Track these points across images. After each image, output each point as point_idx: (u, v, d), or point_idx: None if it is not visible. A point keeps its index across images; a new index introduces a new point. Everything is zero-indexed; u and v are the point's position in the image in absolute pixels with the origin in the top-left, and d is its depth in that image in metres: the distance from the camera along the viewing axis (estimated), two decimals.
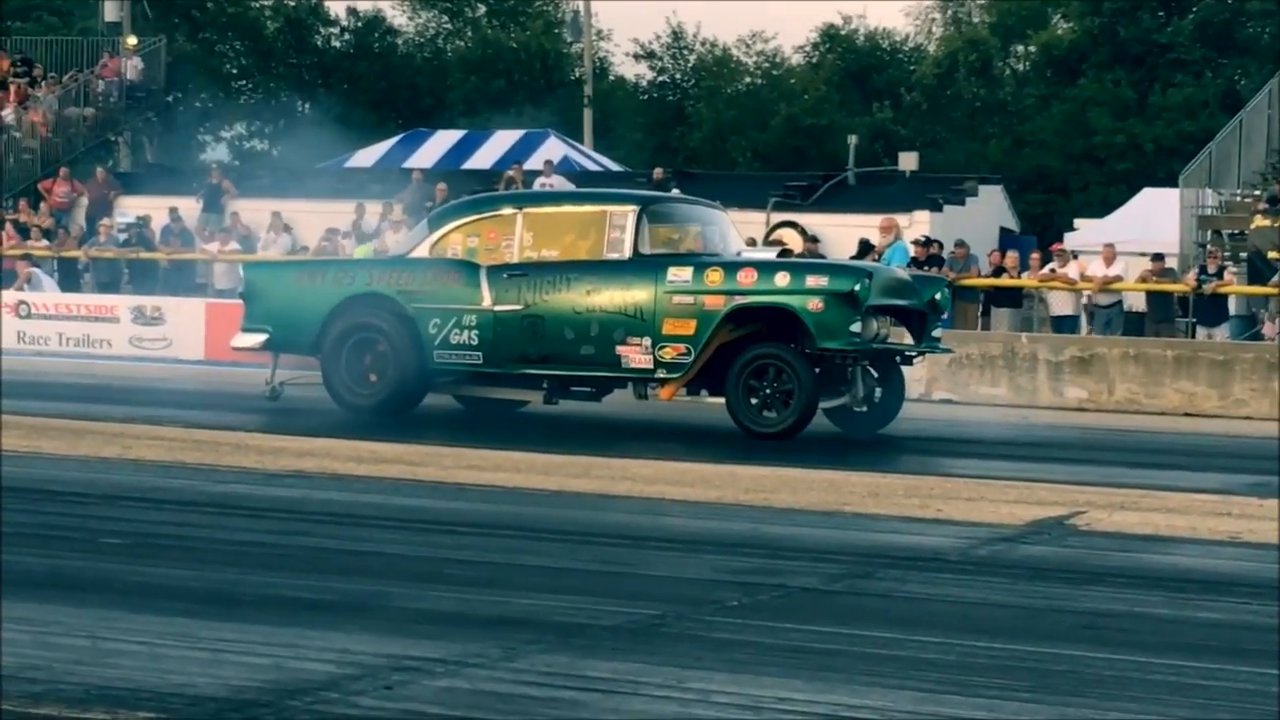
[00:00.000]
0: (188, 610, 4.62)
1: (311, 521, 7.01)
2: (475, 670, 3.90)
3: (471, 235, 12.16)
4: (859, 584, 5.31)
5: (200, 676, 3.74)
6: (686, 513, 7.13)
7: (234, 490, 7.97)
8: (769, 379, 10.75)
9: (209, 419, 11.72)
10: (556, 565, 5.86)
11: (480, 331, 11.66)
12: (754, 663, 3.90)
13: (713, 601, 4.80)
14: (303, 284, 13.09)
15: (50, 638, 4.13)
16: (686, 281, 11.20)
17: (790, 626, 4.40)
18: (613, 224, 11.53)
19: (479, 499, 7.95)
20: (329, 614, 4.71)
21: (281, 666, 3.89)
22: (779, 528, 6.70)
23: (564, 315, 11.52)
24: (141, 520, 6.79)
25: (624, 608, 4.94)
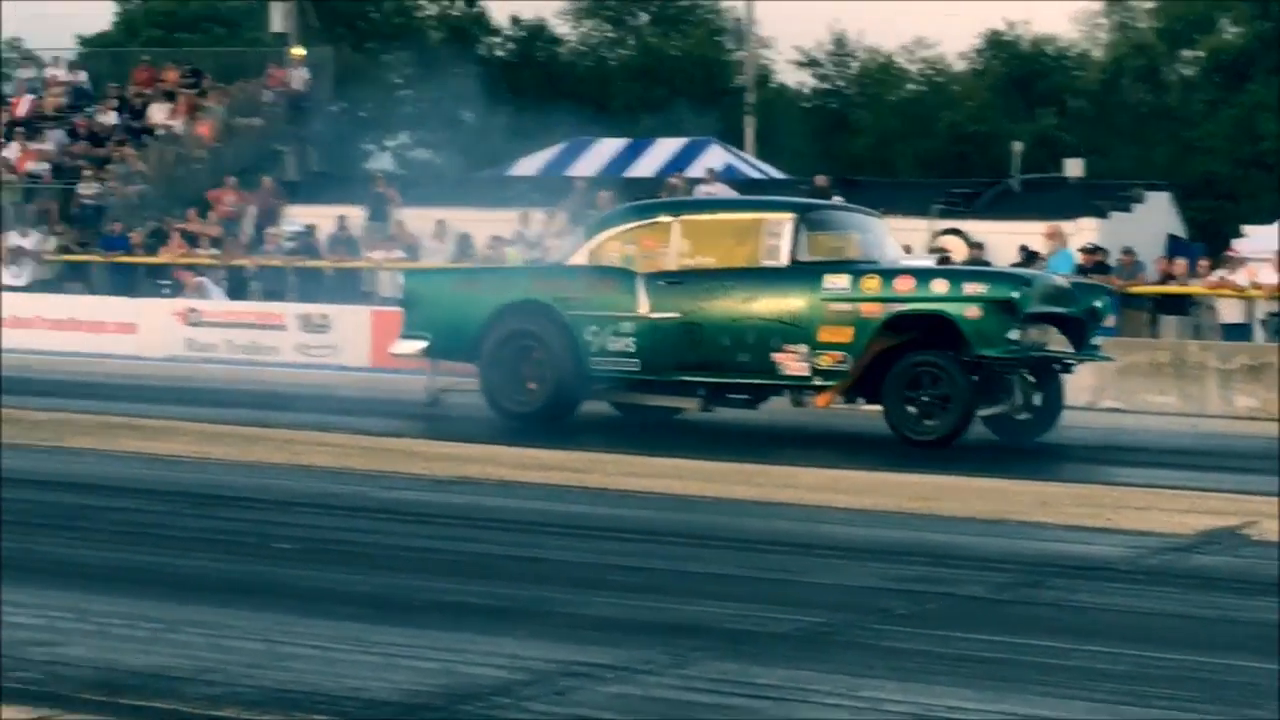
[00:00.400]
0: (359, 615, 4.78)
1: (479, 527, 7.18)
2: (645, 676, 3.96)
3: (629, 243, 12.45)
4: (1027, 593, 5.31)
5: (373, 680, 3.86)
6: (850, 520, 7.16)
7: (402, 496, 8.19)
8: (926, 386, 10.83)
9: (369, 425, 11.96)
10: (722, 572, 5.91)
11: (637, 339, 11.90)
12: (923, 671, 3.92)
13: (880, 610, 4.81)
14: (461, 292, 13.46)
15: (226, 641, 4.30)
16: (844, 289, 11.30)
17: (959, 635, 4.40)
18: (769, 231, 11.77)
19: (643, 505, 8.05)
20: (498, 619, 4.81)
21: (452, 671, 3.99)
22: (944, 535, 6.74)
23: (720, 323, 11.74)
24: (312, 526, 7.05)
25: (792, 615, 4.95)
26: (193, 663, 4.06)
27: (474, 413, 12.32)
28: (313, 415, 12.60)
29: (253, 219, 24.93)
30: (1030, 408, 11.63)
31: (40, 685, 3.81)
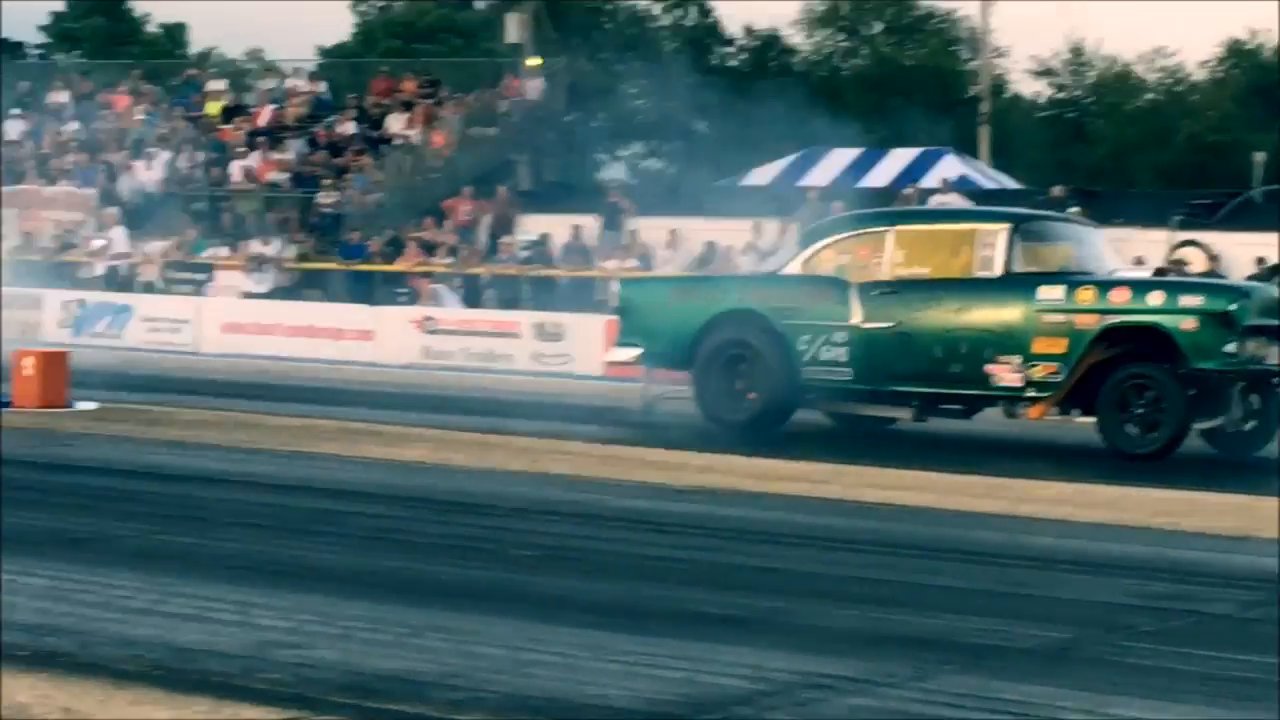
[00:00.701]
0: (599, 622, 4.87)
1: (717, 537, 7.26)
2: (887, 690, 3.97)
3: (843, 253, 12.65)
4: (1275, 611, 5.17)
5: (614, 689, 3.92)
6: (1091, 535, 7.17)
7: (640, 505, 8.31)
8: (1141, 399, 10.93)
9: (586, 432, 12.16)
10: (963, 586, 5.91)
11: (850, 348, 12.06)
12: (1171, 689, 3.91)
13: (1125, 626, 4.81)
14: (676, 300, 13.90)
15: (469, 646, 4.41)
16: (1058, 300, 11.49)
17: (1205, 653, 4.38)
18: (983, 242, 11.94)
19: (882, 517, 8.05)
20: (738, 629, 4.86)
21: (694, 680, 4.02)
22: (1188, 552, 6.74)
23: (933, 333, 11.93)
24: (550, 533, 7.19)
25: (1035, 630, 4.97)
26: (437, 667, 4.13)
27: (688, 420, 12.47)
28: (533, 422, 12.68)
29: (488, 228, 25.63)
30: (1248, 421, 11.44)
31: (289, 687, 3.92)
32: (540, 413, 14.12)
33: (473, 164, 28.25)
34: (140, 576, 5.52)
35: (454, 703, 3.53)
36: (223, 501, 8.15)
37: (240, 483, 8.89)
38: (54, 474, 8.98)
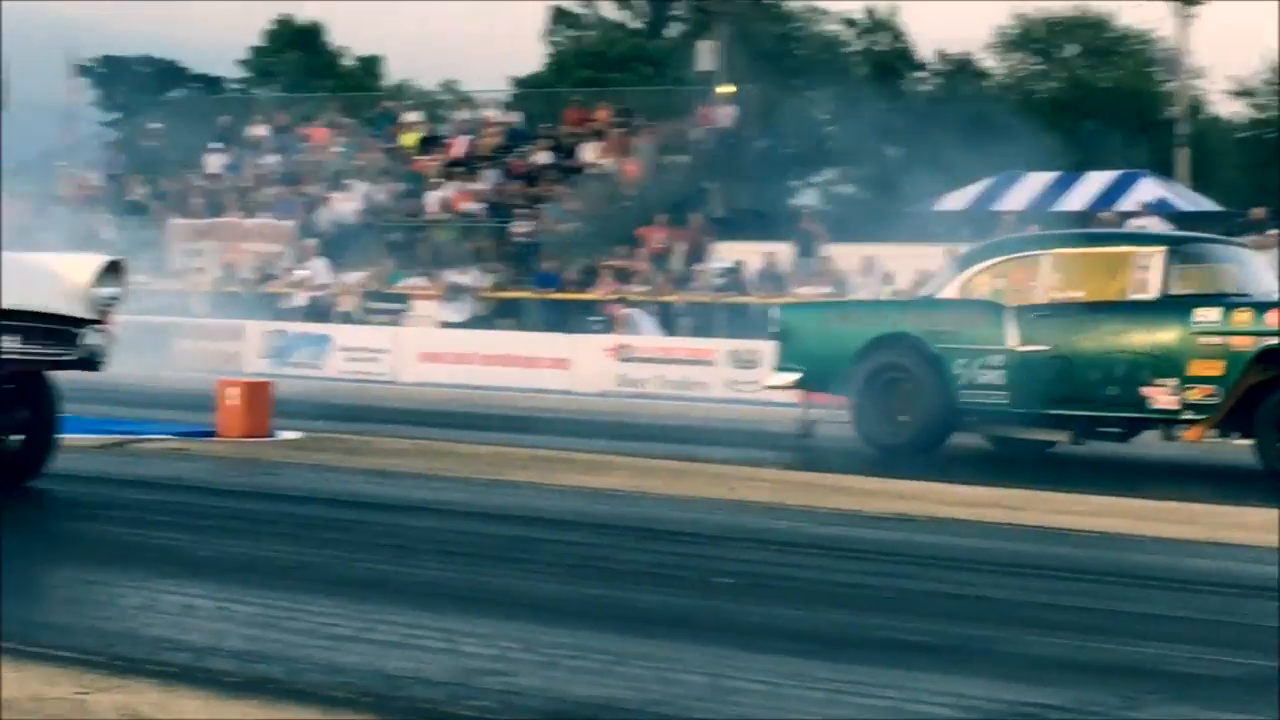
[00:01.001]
0: (800, 650, 4.85)
1: (915, 564, 7.24)
2: (1095, 719, 4.04)
3: (998, 276, 12.94)
4: None
5: (819, 717, 3.96)
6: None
7: (837, 532, 8.34)
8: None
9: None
10: (1167, 613, 5.86)
11: (1006, 372, 12.28)
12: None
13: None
14: (833, 324, 14.11)
15: (672, 674, 4.43)
16: (1214, 322, 11.56)
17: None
18: (1139, 264, 12.13)
19: (1077, 543, 8.02)
20: (938, 657, 4.86)
21: (900, 709, 4.07)
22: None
23: (1089, 356, 12.10)
24: (749, 560, 7.19)
25: (1242, 659, 4.92)
26: (641, 695, 4.20)
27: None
28: (727, 449, 12.75)
29: (682, 256, 25.97)
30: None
31: (495, 714, 3.98)
32: (734, 439, 14.21)
33: (666, 192, 28.66)
34: (345, 603, 5.68)
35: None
36: (423, 529, 8.26)
37: (439, 510, 9.00)
38: (259, 502, 9.20)
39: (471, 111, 32.65)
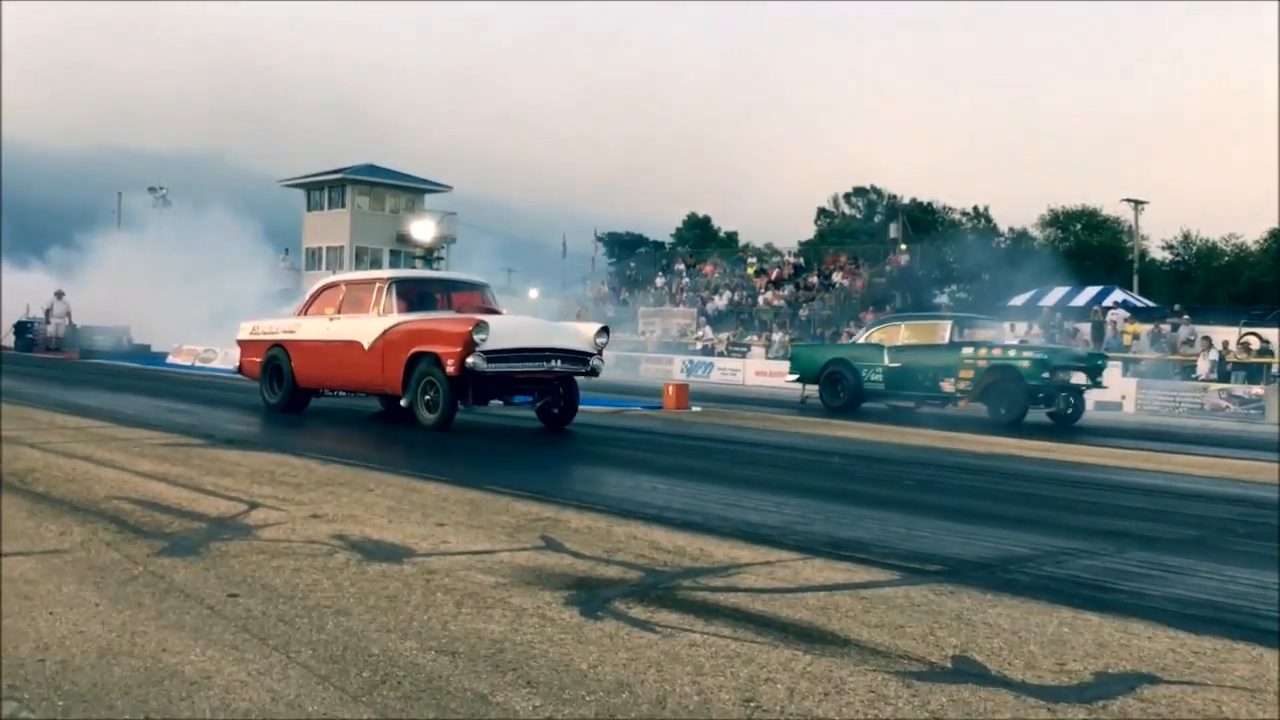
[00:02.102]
0: (949, 516, 5.56)
1: (978, 473, 8.08)
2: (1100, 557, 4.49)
3: (881, 332, 16.62)
4: None
5: (960, 550, 4.64)
6: None
7: (962, 459, 9.12)
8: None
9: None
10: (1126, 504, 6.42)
11: (884, 375, 16.11)
12: None
13: None
14: (812, 354, 17.94)
15: (887, 527, 5.20)
16: (970, 354, 15.23)
17: None
18: (940, 329, 15.94)
19: (1024, 462, 9.02)
20: (987, 520, 5.59)
21: (993, 548, 4.72)
22: None
23: (919, 368, 15.55)
24: (919, 470, 8.01)
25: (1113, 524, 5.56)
26: (872, 536, 4.95)
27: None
28: None
29: None
30: None
31: (803, 543, 4.70)
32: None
33: (873, 297, 32.59)
34: (725, 488, 6.74)
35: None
36: (764, 453, 9.34)
37: (773, 445, 10.19)
38: (683, 439, 10.30)
39: (779, 257, 39.44)
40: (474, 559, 4.14)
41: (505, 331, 9.86)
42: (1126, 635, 3.41)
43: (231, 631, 3.04)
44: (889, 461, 8.74)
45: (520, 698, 2.61)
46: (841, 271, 35.32)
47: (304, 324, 11.50)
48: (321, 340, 11.10)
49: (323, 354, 11.09)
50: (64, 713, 2.45)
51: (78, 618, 3.12)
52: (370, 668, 2.77)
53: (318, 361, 11.15)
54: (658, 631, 3.21)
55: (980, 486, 7.31)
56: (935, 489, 7.11)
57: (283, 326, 11.87)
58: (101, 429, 8.70)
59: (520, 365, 9.87)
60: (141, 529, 4.49)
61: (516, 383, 10.11)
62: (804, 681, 2.82)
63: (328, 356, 11.01)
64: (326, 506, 5.17)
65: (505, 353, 9.70)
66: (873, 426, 12.57)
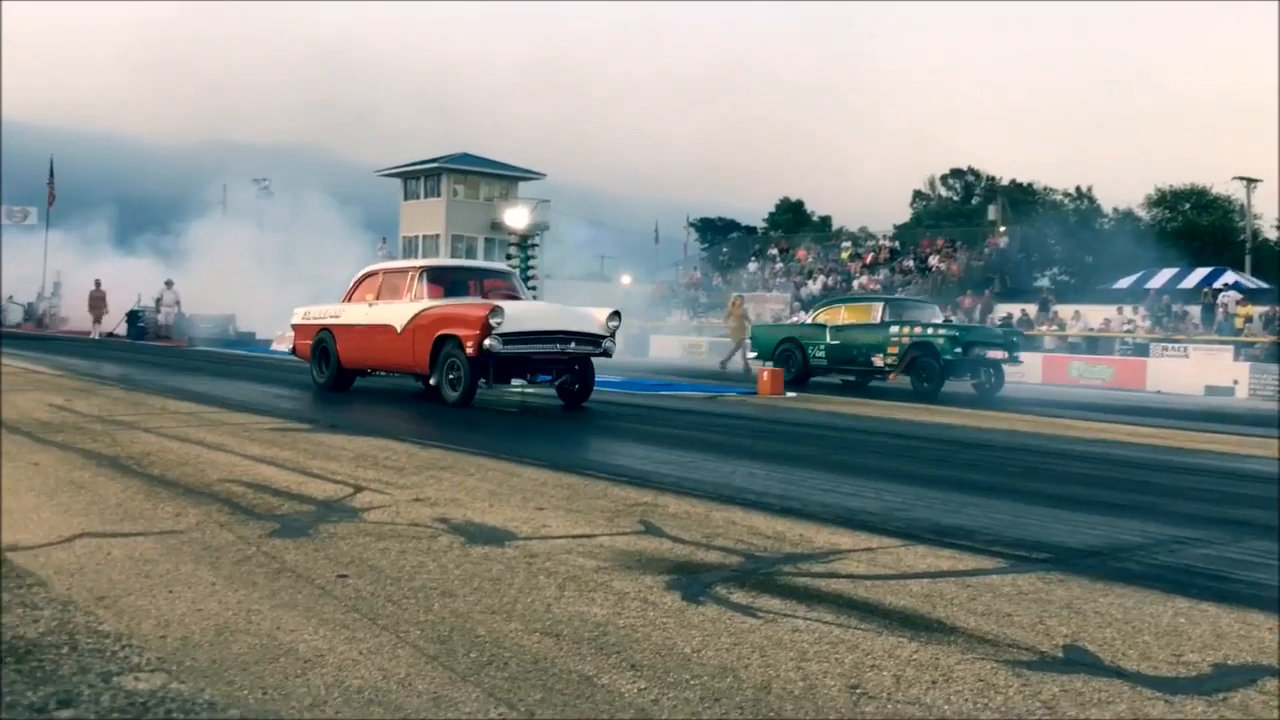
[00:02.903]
0: (1053, 503, 5.50)
1: (1042, 454, 8.16)
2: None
3: (824, 313, 18.58)
4: None
5: (1066, 537, 4.56)
6: None
7: (1048, 444, 9.12)
8: None
9: None
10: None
11: (826, 351, 17.92)
12: None
13: None
14: (768, 333, 19.53)
15: (990, 514, 5.08)
16: (897, 331, 16.76)
17: None
18: (874, 309, 17.97)
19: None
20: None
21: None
22: None
23: (856, 345, 17.51)
24: (1021, 457, 7.96)
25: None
26: (974, 523, 4.87)
27: None
28: None
29: (979, 310, 29.89)
30: None
31: (904, 530, 4.64)
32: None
33: (971, 279, 32.37)
34: (821, 473, 6.63)
35: None
36: (856, 439, 9.34)
37: (866, 430, 10.16)
38: (776, 424, 10.37)
39: (874, 241, 39.04)
40: (574, 543, 4.19)
41: (520, 316, 10.63)
42: (1246, 626, 3.31)
43: (342, 611, 3.11)
44: (989, 447, 8.68)
45: (625, 680, 2.63)
46: (938, 255, 35.07)
47: (347, 309, 12.37)
48: (361, 324, 11.97)
49: (362, 337, 11.95)
50: (190, 685, 2.40)
51: (195, 596, 3.22)
52: (477, 648, 2.82)
53: (358, 344, 12.00)
54: (760, 617, 3.21)
55: (1088, 474, 7.19)
56: (1040, 475, 7.01)
57: (329, 312, 12.73)
58: (211, 414, 8.95)
59: (535, 347, 10.59)
60: (253, 511, 4.62)
61: (533, 363, 10.79)
62: (910, 669, 2.79)
63: (366, 339, 11.86)
64: (429, 490, 5.27)
65: (520, 335, 10.43)
66: (969, 412, 12.55)
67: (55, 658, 1.44)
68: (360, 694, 2.49)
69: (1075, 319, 28.55)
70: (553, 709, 2.41)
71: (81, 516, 4.37)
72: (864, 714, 2.48)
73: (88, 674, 1.35)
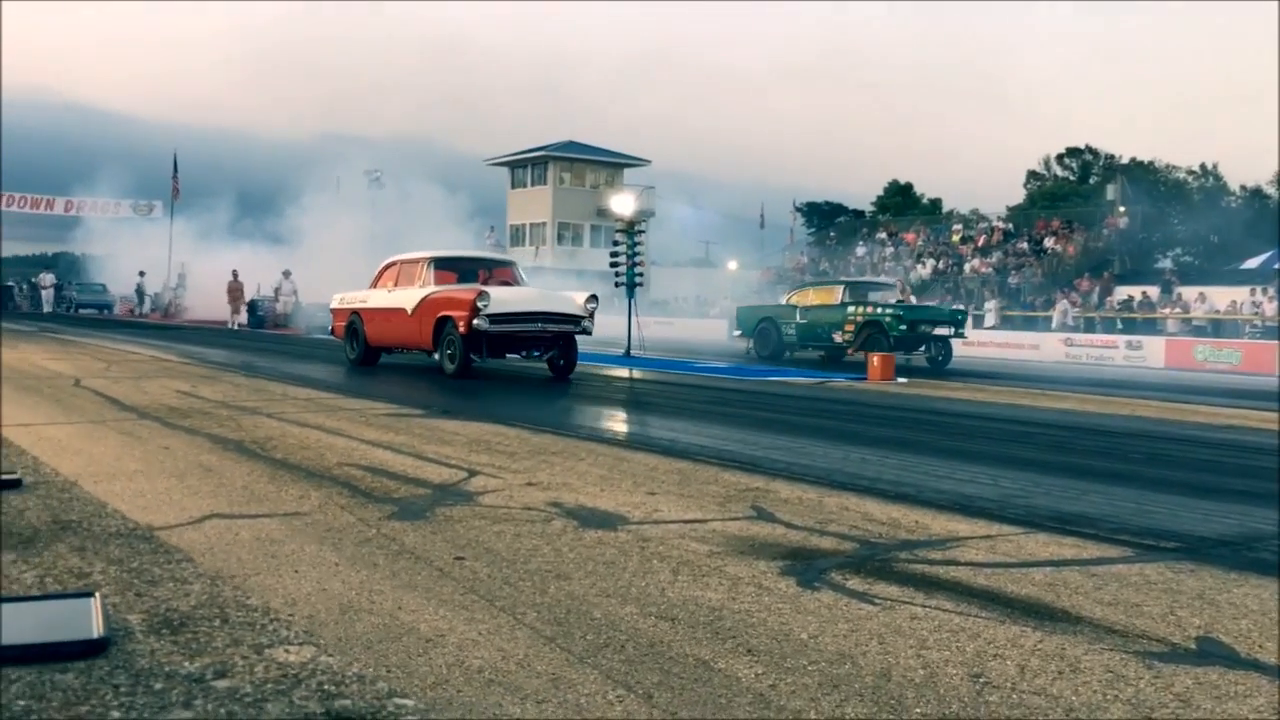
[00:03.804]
0: (1176, 490, 5.37)
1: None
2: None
3: (795, 295, 21.01)
4: None
5: (1169, 522, 4.49)
6: None
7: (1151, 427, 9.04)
8: None
9: None
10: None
11: (796, 330, 20.06)
12: None
13: None
14: (749, 313, 21.52)
15: (1115, 501, 4.96)
16: (855, 310, 18.91)
17: None
18: (840, 293, 19.91)
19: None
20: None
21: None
22: None
23: (820, 324, 19.80)
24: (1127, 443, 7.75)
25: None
26: (1095, 510, 4.74)
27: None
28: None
29: (1097, 293, 29.21)
30: None
31: (1024, 517, 4.53)
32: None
33: (1088, 261, 31.47)
34: (930, 459, 6.49)
35: None
36: (970, 424, 9.17)
37: (979, 415, 9.91)
38: (887, 410, 10.31)
39: (986, 223, 38.15)
40: (686, 527, 4.21)
41: (505, 299, 12.37)
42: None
43: (460, 592, 3.18)
44: (1110, 434, 8.48)
45: (742, 665, 2.63)
46: (1054, 237, 34.34)
47: (372, 295, 14.24)
48: (382, 308, 13.82)
49: (383, 319, 13.80)
50: (339, 659, 2.47)
51: (320, 576, 3.31)
52: (593, 631, 2.85)
53: (379, 325, 13.86)
54: (877, 603, 3.19)
55: (1217, 460, 7.04)
56: (1165, 462, 6.85)
57: (359, 297, 14.57)
58: (329, 400, 9.22)
59: (518, 326, 12.23)
60: (372, 494, 4.74)
61: (519, 340, 12.44)
62: (1035, 659, 2.74)
63: (386, 320, 13.70)
64: (541, 474, 5.34)
65: (505, 316, 12.12)
66: (1087, 397, 12.35)
67: (209, 630, 1.51)
68: (480, 674, 2.53)
69: (1200, 301, 27.89)
70: (671, 692, 2.43)
71: (210, 498, 4.54)
72: (988, 703, 2.44)
73: (240, 646, 1.41)
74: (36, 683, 1.23)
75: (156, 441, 6.23)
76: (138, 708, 1.16)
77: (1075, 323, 28.48)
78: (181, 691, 1.23)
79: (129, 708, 1.16)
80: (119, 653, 1.37)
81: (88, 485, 4.60)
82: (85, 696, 1.19)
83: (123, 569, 1.84)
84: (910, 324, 18.10)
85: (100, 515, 3.96)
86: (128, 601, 1.59)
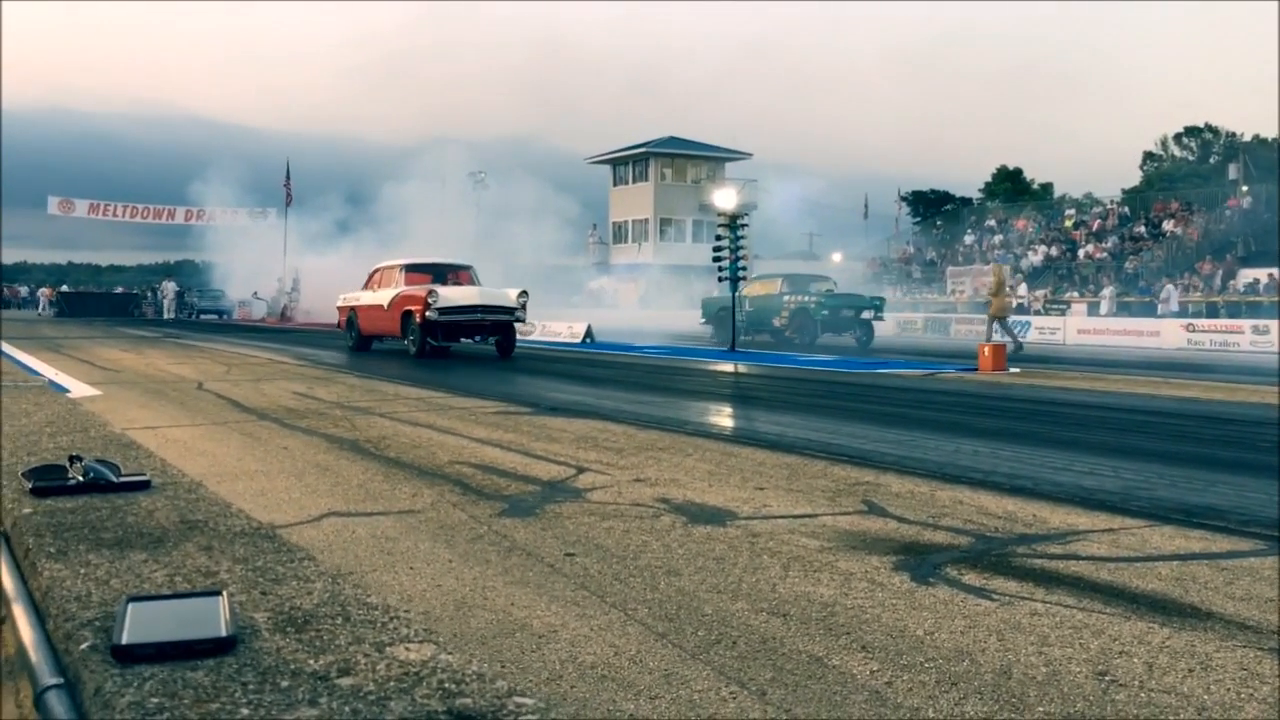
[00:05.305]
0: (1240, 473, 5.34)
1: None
2: None
3: (750, 287, 22.36)
4: None
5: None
6: None
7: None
8: None
9: None
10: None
11: (746, 317, 21.83)
12: None
13: None
14: (713, 303, 24.14)
15: (1197, 487, 4.97)
16: (790, 300, 21.80)
17: None
18: (778, 285, 22.55)
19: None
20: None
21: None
22: None
23: (764, 312, 22.11)
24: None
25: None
26: (1178, 497, 4.79)
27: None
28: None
29: (1220, 276, 28.59)
30: None
31: (1123, 504, 4.51)
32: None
33: (1210, 244, 30.56)
34: (1041, 450, 6.43)
35: None
36: (1077, 414, 8.96)
37: (1087, 405, 9.73)
38: (998, 401, 10.10)
39: (1100, 207, 37.37)
40: (796, 522, 4.16)
41: (451, 296, 15.82)
42: None
43: (571, 589, 3.19)
44: (1236, 422, 8.19)
45: (857, 661, 2.59)
46: (1173, 219, 33.51)
47: (363, 295, 17.89)
48: (368, 304, 17.47)
49: (368, 313, 17.45)
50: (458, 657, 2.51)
51: (434, 572, 3.34)
52: (705, 627, 2.84)
53: (367, 318, 17.45)
54: (995, 599, 3.11)
55: None
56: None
57: (355, 297, 18.23)
58: (439, 399, 9.36)
59: (462, 316, 15.72)
60: (483, 491, 4.79)
61: (464, 328, 15.89)
62: (1163, 656, 2.64)
63: (370, 314, 17.32)
64: (648, 470, 5.34)
65: (452, 309, 15.57)
66: (1210, 384, 11.90)
67: (331, 627, 1.55)
68: (594, 669, 2.53)
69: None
70: (784, 689, 2.40)
71: (327, 497, 4.63)
72: (1114, 701, 2.36)
73: (362, 644, 1.45)
74: (169, 679, 1.26)
75: (275, 442, 6.39)
76: (265, 705, 1.19)
77: (1181, 308, 27.83)
78: (307, 689, 1.26)
79: (257, 705, 1.19)
80: (246, 650, 1.41)
81: (212, 485, 4.76)
82: (215, 694, 1.22)
83: (248, 567, 1.90)
84: (832, 310, 20.92)
85: (225, 515, 4.09)
86: (253, 600, 1.64)
